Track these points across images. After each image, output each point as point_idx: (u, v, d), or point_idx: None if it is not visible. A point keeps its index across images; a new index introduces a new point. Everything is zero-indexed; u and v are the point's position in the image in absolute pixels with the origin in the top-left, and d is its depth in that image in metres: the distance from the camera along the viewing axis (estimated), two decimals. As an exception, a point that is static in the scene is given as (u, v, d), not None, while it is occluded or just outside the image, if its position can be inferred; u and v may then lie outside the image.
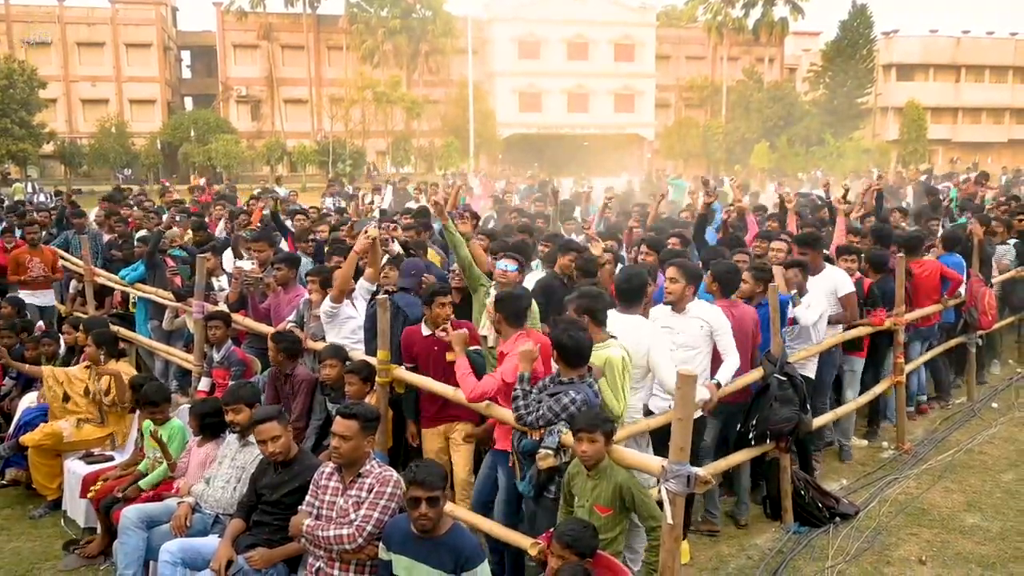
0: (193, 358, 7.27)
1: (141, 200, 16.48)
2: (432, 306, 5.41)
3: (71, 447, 6.41)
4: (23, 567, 5.61)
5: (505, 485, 4.84)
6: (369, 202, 15.61)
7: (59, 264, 10.01)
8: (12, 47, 45.85)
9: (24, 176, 38.53)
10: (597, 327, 4.67)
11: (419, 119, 47.27)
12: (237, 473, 4.92)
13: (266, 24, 49.53)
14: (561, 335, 4.28)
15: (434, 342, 5.39)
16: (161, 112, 49.49)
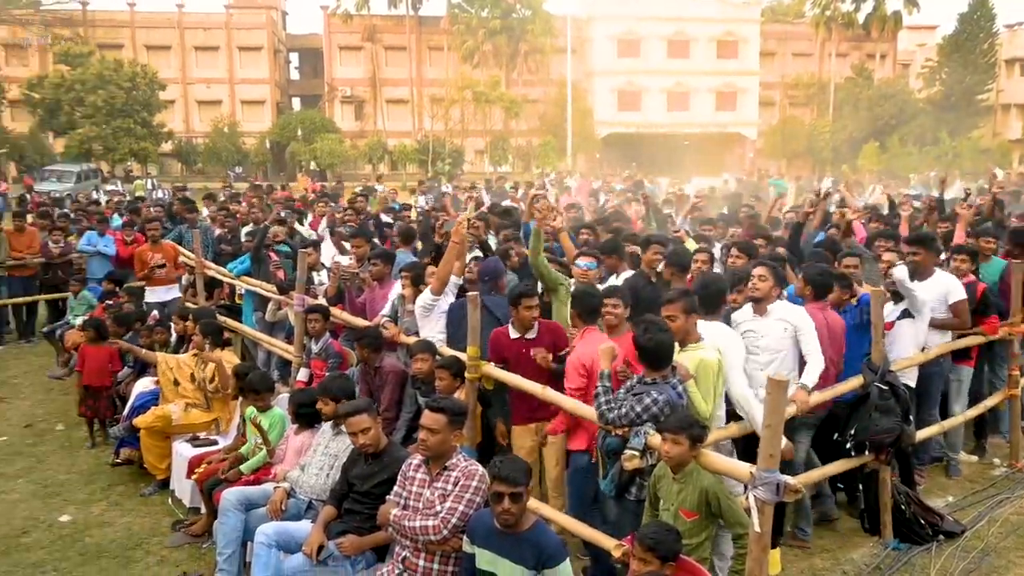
0: (293, 349, 7.53)
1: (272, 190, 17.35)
2: (519, 308, 5.44)
3: (179, 430, 6.76)
4: (134, 541, 5.95)
5: (576, 484, 4.91)
6: (467, 198, 15.81)
7: (180, 260, 10.28)
8: (136, 51, 48.53)
9: (144, 173, 40.76)
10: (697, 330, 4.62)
11: (517, 118, 47.51)
12: (330, 461, 5.08)
13: (370, 26, 50.76)
14: (641, 336, 4.23)
15: (523, 344, 5.42)
16: (270, 112, 51.42)
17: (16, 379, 10.14)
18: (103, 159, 39.66)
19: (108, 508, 6.52)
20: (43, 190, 26.99)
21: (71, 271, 11.74)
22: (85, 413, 7.93)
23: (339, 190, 23.12)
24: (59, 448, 7.85)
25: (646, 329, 4.26)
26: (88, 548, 5.84)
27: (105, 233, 11.88)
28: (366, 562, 4.53)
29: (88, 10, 50.33)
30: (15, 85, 42.37)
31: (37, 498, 6.69)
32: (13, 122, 42.68)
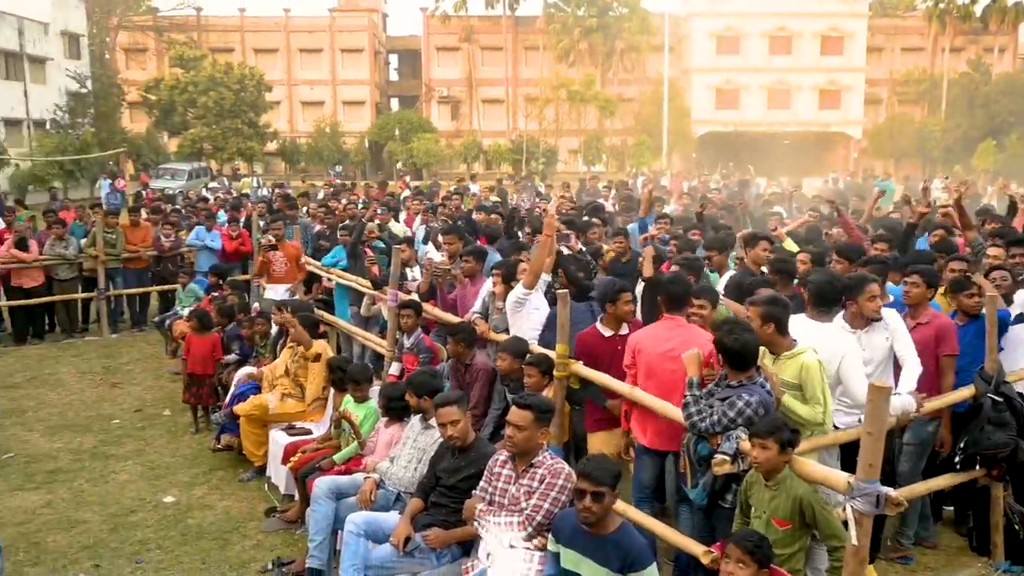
0: (386, 343, 7.66)
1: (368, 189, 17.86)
2: (617, 304, 5.37)
3: (275, 418, 6.99)
4: (232, 524, 6.18)
5: (638, 484, 4.91)
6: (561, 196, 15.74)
7: (303, 260, 10.16)
8: (245, 55, 50.52)
9: (250, 172, 42.41)
10: (782, 336, 4.44)
11: (612, 117, 47.18)
12: (418, 455, 5.14)
13: (467, 27, 51.35)
14: (725, 337, 4.10)
15: (617, 342, 5.35)
16: (370, 113, 52.68)
17: (128, 366, 10.69)
18: (213, 158, 41.47)
19: (209, 491, 6.79)
20: (157, 187, 28.42)
21: (180, 264, 12.32)
22: (189, 400, 8.29)
23: (435, 188, 23.45)
24: (165, 432, 8.23)
25: (730, 330, 4.14)
26: (189, 529, 6.10)
27: (212, 229, 12.41)
28: (451, 555, 4.56)
29: (202, 16, 52.72)
30: (134, 88, 44.79)
31: (144, 479, 7.02)
32: (131, 123, 45.13)
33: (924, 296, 5.31)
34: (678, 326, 4.92)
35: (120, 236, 12.16)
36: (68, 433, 8.19)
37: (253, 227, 12.22)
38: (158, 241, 12.43)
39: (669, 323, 4.98)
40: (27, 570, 5.47)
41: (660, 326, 5.04)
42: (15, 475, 7.09)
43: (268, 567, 5.47)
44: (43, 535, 5.98)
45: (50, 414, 8.78)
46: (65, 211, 14.98)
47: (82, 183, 32.67)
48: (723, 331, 4.16)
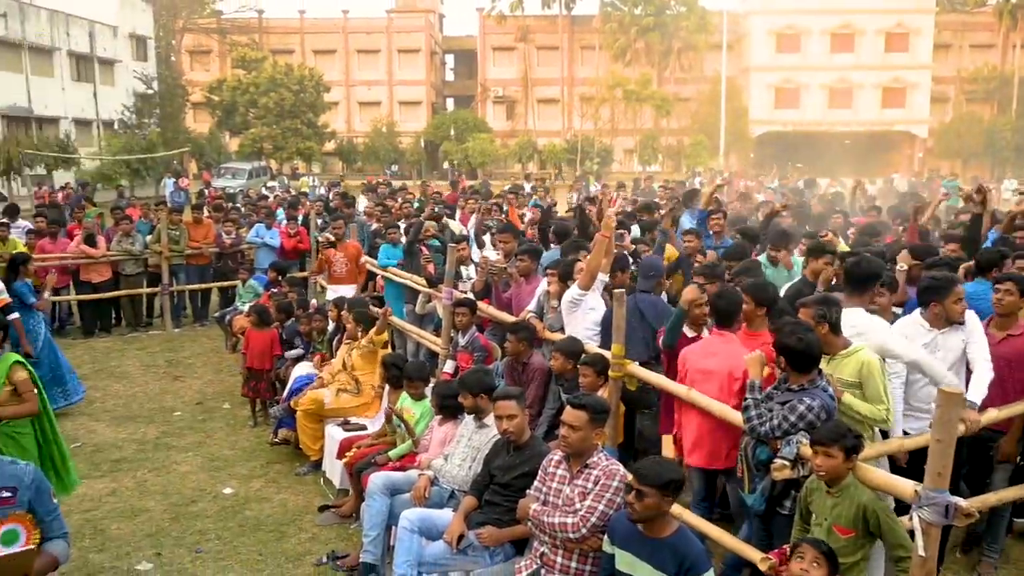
0: (440, 341, 7.70)
1: (425, 188, 18.00)
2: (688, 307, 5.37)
3: (331, 413, 7.07)
4: (288, 517, 6.27)
5: (695, 489, 4.85)
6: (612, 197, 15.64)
7: (362, 260, 10.27)
8: (304, 56, 51.40)
9: (308, 171, 43.16)
10: (836, 336, 4.33)
11: (668, 117, 46.74)
12: (472, 453, 5.14)
13: (523, 27, 51.41)
14: (788, 338, 4.00)
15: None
16: (426, 113, 53.12)
17: (190, 359, 10.95)
18: (273, 157, 42.30)
19: (266, 484, 6.91)
20: (219, 186, 29.10)
21: (240, 261, 12.58)
22: (248, 394, 8.45)
23: (487, 188, 23.52)
24: (225, 425, 8.40)
25: (792, 330, 4.03)
26: (247, 520, 6.21)
27: (271, 227, 12.64)
28: (504, 554, 4.55)
29: (263, 18, 53.82)
30: (197, 88, 45.95)
31: (204, 471, 7.18)
32: (195, 123, 46.31)
33: (1018, 305, 5.03)
34: (726, 342, 4.87)
35: (184, 233, 12.47)
36: (132, 424, 8.42)
37: (311, 225, 12.41)
38: (220, 238, 12.71)
39: (717, 339, 4.95)
40: (92, 556, 5.63)
41: (709, 341, 5.03)
42: (82, 463, 7.29)
43: (323, 560, 5.53)
44: (108, 522, 6.15)
45: (115, 405, 9.04)
46: (131, 208, 15.42)
47: (148, 181, 33.64)
48: (786, 332, 4.06)
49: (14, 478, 2.98)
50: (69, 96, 39.21)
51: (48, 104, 37.71)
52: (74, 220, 13.68)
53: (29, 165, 29.39)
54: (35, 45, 37.24)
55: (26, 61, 36.84)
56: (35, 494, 3.02)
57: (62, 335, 11.76)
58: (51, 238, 11.79)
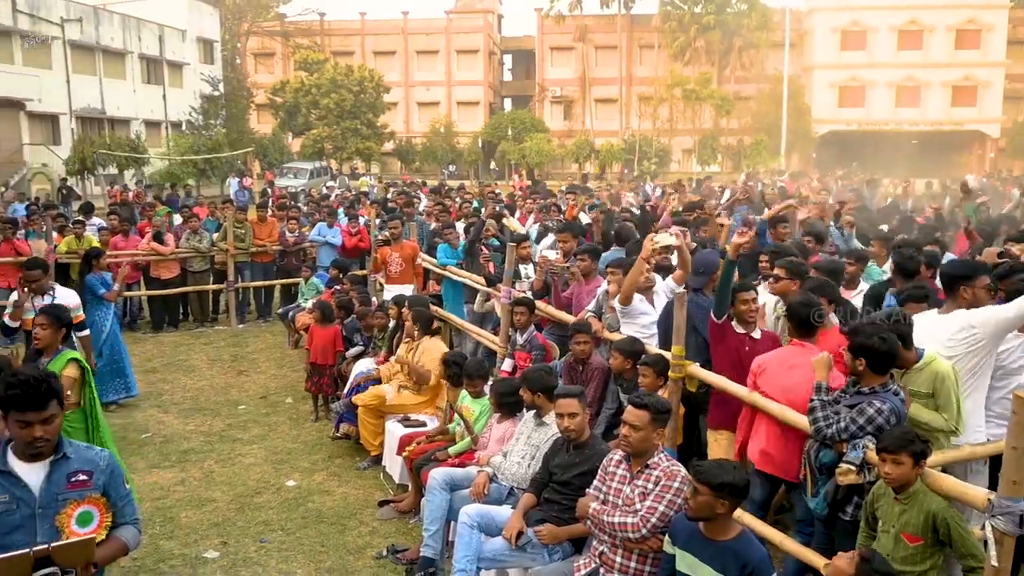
0: (499, 340, 7.74)
1: (483, 187, 18.05)
2: (735, 304, 5.27)
3: (392, 410, 7.17)
4: (349, 510, 6.39)
5: (750, 501, 4.65)
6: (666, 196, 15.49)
7: (419, 260, 10.22)
8: (365, 57, 52.13)
9: (367, 171, 43.76)
10: (908, 351, 4.22)
11: (728, 116, 46.12)
12: (532, 451, 5.17)
13: (582, 26, 51.26)
14: (870, 339, 3.92)
15: (746, 341, 5.24)
16: (483, 113, 53.35)
17: (254, 354, 11.22)
18: (333, 157, 42.99)
19: (328, 478, 7.04)
20: (281, 185, 29.70)
21: (303, 259, 12.83)
22: (310, 389, 8.62)
23: (542, 188, 23.55)
24: (287, 419, 8.58)
25: (874, 331, 3.95)
26: (309, 512, 6.34)
27: (333, 225, 12.86)
28: (563, 552, 4.57)
29: (325, 20, 54.75)
30: (261, 90, 46.98)
31: (268, 463, 7.35)
32: (259, 123, 47.35)
33: None
34: (806, 353, 4.58)
35: (249, 231, 12.77)
36: (199, 416, 8.66)
37: (371, 224, 12.59)
38: (283, 236, 12.97)
39: (797, 351, 4.72)
40: (161, 543, 5.81)
41: (788, 353, 4.78)
42: (152, 454, 7.55)
43: (383, 554, 5.62)
44: (176, 511, 6.35)
45: (183, 398, 9.31)
46: (198, 207, 15.86)
47: (213, 181, 34.51)
48: (867, 332, 3.97)
49: (90, 462, 3.09)
50: (140, 98, 40.50)
51: (120, 106, 39.00)
52: (143, 218, 14.14)
53: (102, 165, 30.41)
54: (108, 49, 38.55)
55: (100, 64, 38.17)
56: (109, 478, 3.13)
57: (132, 330, 12.15)
58: (123, 235, 12.21)
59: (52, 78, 34.88)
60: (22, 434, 2.92)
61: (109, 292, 8.87)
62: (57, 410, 2.98)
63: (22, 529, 2.95)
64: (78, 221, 12.52)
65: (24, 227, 12.18)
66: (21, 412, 2.89)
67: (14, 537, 2.94)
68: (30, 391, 2.87)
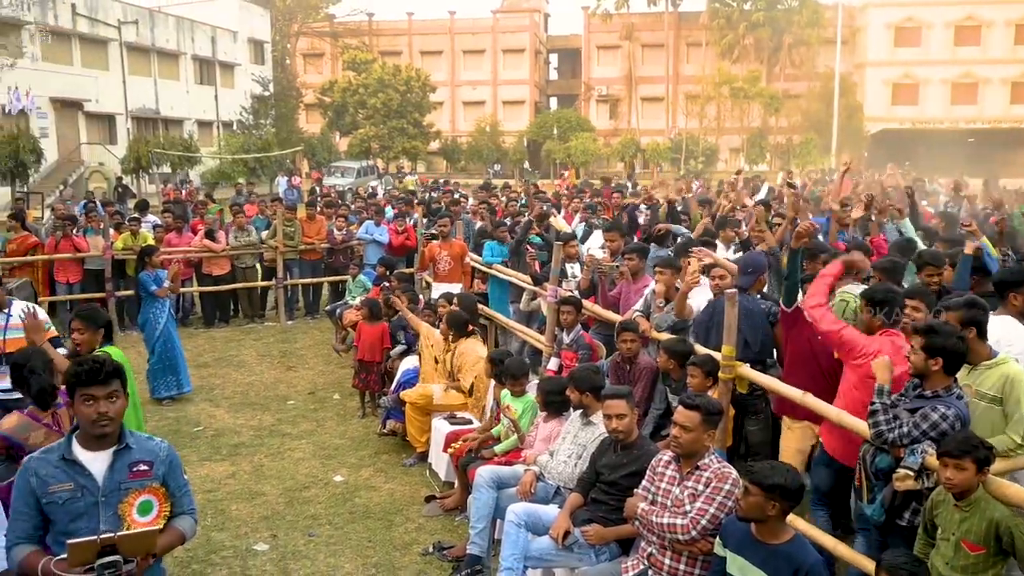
0: (544, 339, 7.72)
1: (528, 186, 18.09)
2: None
3: (439, 408, 7.20)
4: (396, 506, 6.43)
5: (813, 488, 4.68)
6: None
7: (467, 259, 10.27)
8: (412, 57, 52.51)
9: (413, 170, 44.09)
10: (982, 343, 4.10)
11: (777, 114, 45.44)
12: (578, 451, 5.14)
13: (628, 24, 50.97)
14: (950, 339, 3.81)
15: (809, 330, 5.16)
16: (529, 112, 53.36)
17: (303, 351, 11.37)
18: (379, 157, 43.39)
19: (374, 474, 7.10)
20: (328, 184, 30.05)
21: (351, 256, 12.96)
22: (358, 385, 8.70)
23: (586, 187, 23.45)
24: (335, 415, 8.67)
25: (952, 331, 3.85)
26: (357, 508, 6.40)
27: (380, 223, 12.97)
28: (610, 553, 4.54)
29: (373, 20, 55.30)
30: (310, 90, 47.62)
31: (316, 458, 7.43)
32: (307, 123, 48.01)
33: None
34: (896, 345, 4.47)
35: (298, 229, 12.94)
36: (249, 411, 8.80)
37: (418, 223, 12.65)
38: (331, 234, 13.12)
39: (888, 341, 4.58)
40: (213, 534, 5.91)
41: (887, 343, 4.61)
42: (204, 447, 7.69)
43: (429, 550, 5.65)
44: (227, 503, 6.45)
45: (234, 392, 9.47)
46: (249, 205, 16.12)
47: (263, 179, 35.08)
48: (946, 332, 3.86)
49: (151, 452, 3.18)
50: (192, 98, 41.36)
51: (174, 106, 39.88)
52: (196, 216, 14.42)
53: (156, 163, 31.13)
54: (163, 50, 39.43)
55: (155, 65, 39.05)
56: (168, 469, 3.21)
57: (184, 325, 12.38)
58: (177, 232, 12.47)
59: (109, 79, 35.79)
60: (88, 411, 3.01)
61: (160, 289, 9.04)
62: (119, 388, 3.07)
63: (86, 516, 3.05)
64: (134, 218, 12.81)
65: (82, 224, 12.50)
66: (86, 387, 2.98)
67: (78, 523, 3.03)
68: (95, 368, 3.00)
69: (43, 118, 31.91)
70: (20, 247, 11.30)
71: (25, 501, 3.04)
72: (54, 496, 3.02)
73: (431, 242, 10.44)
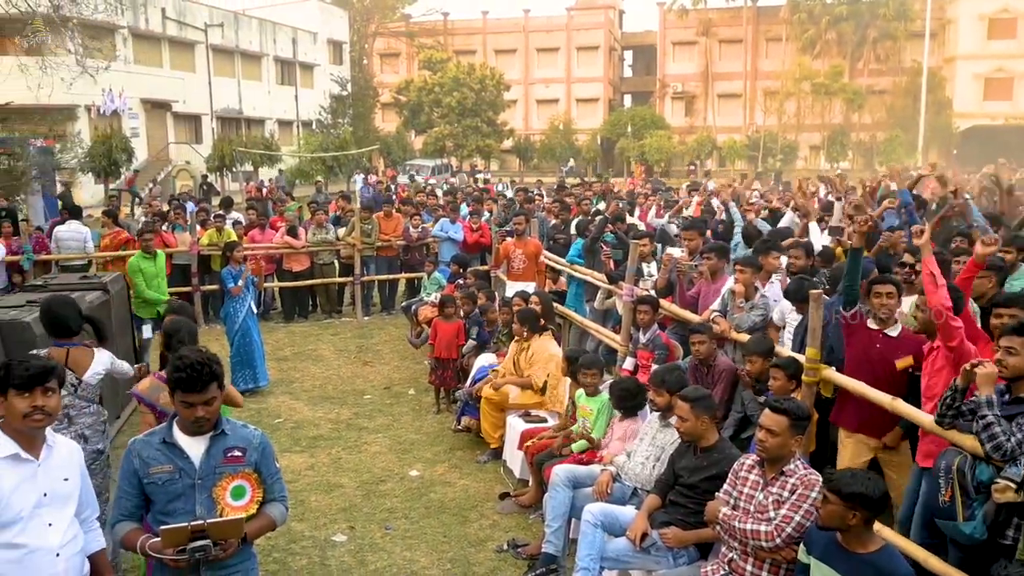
0: (619, 339, 7.65)
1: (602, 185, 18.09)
2: (870, 296, 5.03)
3: (514, 406, 7.20)
4: (470, 502, 6.47)
5: (923, 504, 4.38)
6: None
7: (542, 257, 10.26)
8: (486, 56, 52.81)
9: (486, 168, 44.32)
10: None
11: (860, 111, 44.06)
12: (656, 452, 5.07)
13: (705, 20, 50.20)
14: None
15: (878, 338, 4.98)
16: (603, 109, 53.05)
17: (379, 346, 11.54)
18: (453, 155, 43.78)
19: (449, 469, 7.15)
20: (403, 182, 30.47)
21: (426, 254, 13.10)
22: (434, 382, 8.78)
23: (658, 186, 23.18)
24: (410, 410, 8.78)
25: None
26: (432, 502, 6.46)
27: (455, 221, 13.07)
28: (688, 557, 4.47)
29: (448, 20, 55.83)
30: (386, 90, 48.36)
31: (392, 452, 7.53)
32: (383, 122, 48.76)
33: None
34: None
35: (375, 226, 13.14)
36: (328, 404, 8.98)
37: (492, 220, 12.71)
38: (407, 232, 13.29)
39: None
40: (293, 525, 6.04)
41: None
42: (284, 438, 7.87)
43: (504, 547, 5.65)
44: (307, 494, 6.59)
45: (312, 385, 9.68)
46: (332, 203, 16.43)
47: (340, 178, 35.82)
48: None
49: (245, 439, 3.29)
50: (274, 98, 42.53)
51: (256, 106, 41.07)
52: (276, 213, 14.79)
53: (239, 162, 32.10)
54: (246, 52, 40.63)
55: (238, 67, 40.28)
56: (261, 456, 3.31)
57: (266, 319, 12.70)
58: (260, 229, 12.81)
59: (195, 80, 37.05)
60: (186, 413, 3.16)
61: (235, 286, 9.28)
62: (217, 392, 3.19)
63: (183, 497, 3.18)
64: (218, 215, 13.21)
65: (171, 221, 12.95)
66: (185, 394, 3.10)
67: (176, 504, 3.18)
68: (194, 375, 3.09)
69: (134, 119, 33.28)
70: (113, 242, 11.78)
71: (128, 481, 3.21)
72: (154, 477, 3.17)
73: (506, 240, 10.46)
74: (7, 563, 2.96)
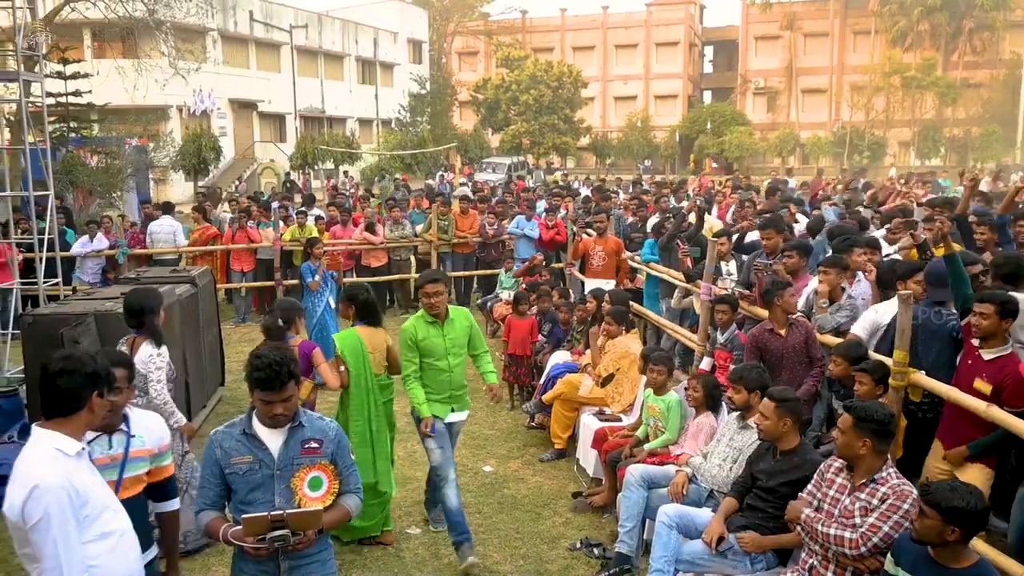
0: (697, 338, 7.52)
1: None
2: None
3: (587, 402, 7.15)
4: (543, 499, 6.45)
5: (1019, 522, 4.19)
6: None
7: (624, 255, 10.19)
8: (564, 53, 52.69)
9: (563, 166, 44.25)
10: None
11: (954, 105, 42.23)
12: (734, 454, 4.96)
13: (790, 13, 48.95)
14: None
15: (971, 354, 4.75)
16: (681, 106, 52.30)
17: (454, 342, 11.59)
18: (530, 152, 43.83)
19: (522, 466, 7.15)
20: (480, 179, 30.67)
21: (502, 250, 13.14)
22: (508, 378, 8.79)
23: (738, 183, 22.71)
24: (484, 406, 8.74)
25: None
26: (505, 499, 6.47)
27: (531, 218, 13.08)
28: (766, 563, 4.35)
29: (527, 18, 55.94)
30: (464, 88, 48.76)
31: (467, 447, 7.56)
32: (461, 120, 49.18)
33: None
34: None
35: (452, 223, 13.26)
36: (403, 398, 9.05)
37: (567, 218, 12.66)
38: (483, 229, 13.36)
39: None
40: (370, 516, 6.14)
41: None
42: (361, 431, 7.99)
43: (577, 546, 5.62)
44: (383, 487, 6.68)
45: (389, 380, 9.79)
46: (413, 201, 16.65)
47: (418, 175, 36.31)
48: None
49: (321, 432, 3.35)
50: (355, 97, 43.37)
51: (337, 105, 41.96)
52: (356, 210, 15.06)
53: (321, 160, 32.86)
54: (329, 52, 41.54)
55: (321, 67, 41.23)
56: (336, 448, 3.37)
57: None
58: (341, 225, 13.07)
59: (280, 80, 38.08)
60: (264, 409, 3.23)
61: (311, 282, 9.47)
62: (295, 390, 3.24)
63: (262, 487, 3.25)
64: (301, 212, 13.54)
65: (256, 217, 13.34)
66: (264, 392, 3.17)
67: (256, 494, 3.25)
68: (272, 374, 3.14)
69: (222, 118, 34.43)
70: (202, 237, 12.21)
71: (211, 471, 3.30)
72: (235, 467, 3.25)
73: (585, 236, 10.40)
74: (107, 554, 2.96)
